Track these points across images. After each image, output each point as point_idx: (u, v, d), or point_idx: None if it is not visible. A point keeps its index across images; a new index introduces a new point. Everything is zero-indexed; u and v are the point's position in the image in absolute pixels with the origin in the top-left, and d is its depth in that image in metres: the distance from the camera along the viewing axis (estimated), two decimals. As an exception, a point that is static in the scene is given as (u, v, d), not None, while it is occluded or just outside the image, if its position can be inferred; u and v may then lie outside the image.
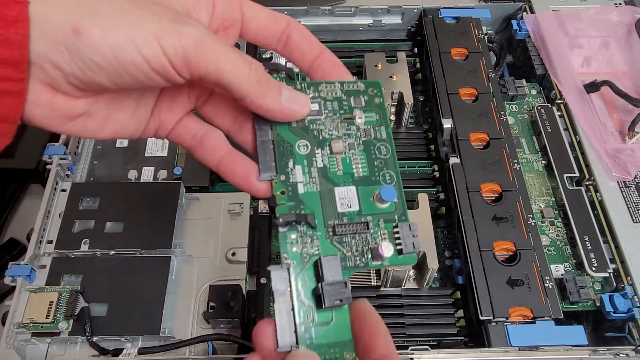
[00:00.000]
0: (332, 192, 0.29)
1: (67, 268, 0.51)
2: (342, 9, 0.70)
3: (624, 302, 0.49)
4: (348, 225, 0.28)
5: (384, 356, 0.26)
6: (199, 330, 0.50)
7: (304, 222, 0.28)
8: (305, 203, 0.28)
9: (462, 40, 0.65)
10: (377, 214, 0.29)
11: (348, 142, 0.30)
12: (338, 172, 0.29)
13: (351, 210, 0.29)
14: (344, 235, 0.28)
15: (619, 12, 0.69)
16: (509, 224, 0.51)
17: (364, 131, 0.31)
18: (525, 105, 0.66)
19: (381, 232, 0.29)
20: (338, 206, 0.29)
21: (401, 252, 0.28)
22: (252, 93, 0.26)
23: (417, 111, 0.68)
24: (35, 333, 0.48)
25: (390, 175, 0.30)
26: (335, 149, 0.29)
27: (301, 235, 0.28)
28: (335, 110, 0.31)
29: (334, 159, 0.30)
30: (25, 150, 0.61)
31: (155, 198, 0.54)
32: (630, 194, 0.55)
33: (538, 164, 0.61)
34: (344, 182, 0.29)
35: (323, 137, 0.30)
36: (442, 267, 0.55)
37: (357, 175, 0.30)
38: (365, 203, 0.29)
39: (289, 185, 0.29)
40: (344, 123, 0.30)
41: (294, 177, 0.29)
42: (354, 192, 0.29)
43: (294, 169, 0.29)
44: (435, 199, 0.57)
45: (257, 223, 0.55)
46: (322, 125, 0.30)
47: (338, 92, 0.31)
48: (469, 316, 0.50)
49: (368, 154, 0.30)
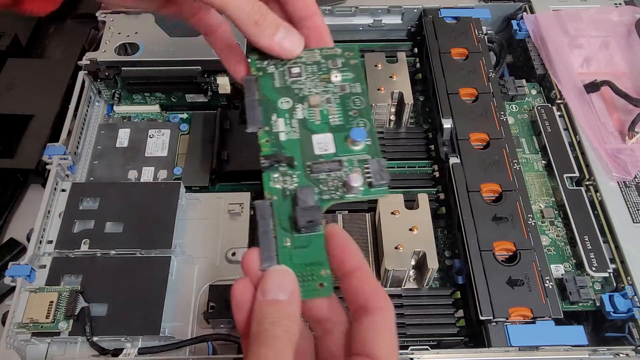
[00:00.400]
0: (310, 138, 0.33)
1: (67, 268, 0.51)
2: (342, 9, 0.70)
3: (624, 302, 0.49)
4: (323, 163, 0.32)
5: (356, 268, 0.29)
6: (199, 330, 0.50)
7: (285, 162, 0.32)
8: (286, 148, 0.33)
9: (462, 40, 0.65)
10: (352, 155, 0.32)
11: (325, 97, 0.34)
12: (316, 122, 0.33)
13: (327, 153, 0.32)
14: (319, 173, 0.32)
15: (619, 12, 0.69)
16: (509, 224, 0.51)
17: (340, 87, 0.34)
18: (525, 105, 0.66)
19: (354, 169, 0.32)
20: (315, 150, 0.32)
21: (372, 185, 0.31)
22: (249, 31, 0.31)
23: (417, 111, 0.68)
24: (35, 333, 0.48)
25: (364, 122, 0.33)
26: (313, 102, 0.34)
27: (282, 174, 0.32)
28: (315, 72, 0.35)
29: (312, 111, 0.34)
30: (25, 150, 0.61)
31: (155, 198, 0.54)
32: (630, 194, 0.55)
33: (538, 164, 0.61)
34: (321, 130, 0.33)
35: (303, 94, 0.34)
36: (442, 267, 0.55)
37: (334, 124, 0.33)
38: (341, 146, 0.32)
39: (272, 135, 0.33)
40: (322, 82, 0.35)
41: (277, 128, 0.33)
42: (331, 138, 0.33)
43: (277, 121, 0.33)
44: (435, 199, 0.57)
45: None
46: (303, 85, 0.34)
47: (317, 57, 0.35)
48: (469, 316, 0.50)
49: (344, 106, 0.34)
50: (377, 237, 0.53)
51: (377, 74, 0.62)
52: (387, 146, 0.61)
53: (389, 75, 0.61)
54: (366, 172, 0.32)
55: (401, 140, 0.62)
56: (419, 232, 0.50)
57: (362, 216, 0.56)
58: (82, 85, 0.61)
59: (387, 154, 0.61)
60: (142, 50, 0.61)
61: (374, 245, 0.53)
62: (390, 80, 0.61)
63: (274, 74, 0.35)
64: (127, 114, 0.66)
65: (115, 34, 0.63)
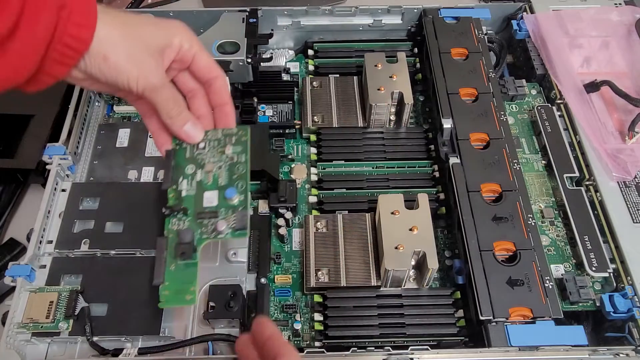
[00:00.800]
0: (202, 195, 0.44)
1: (67, 268, 0.51)
2: (342, 9, 0.70)
3: (624, 302, 0.49)
4: (205, 212, 0.43)
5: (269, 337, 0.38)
6: (199, 330, 0.50)
7: (181, 211, 0.44)
8: (184, 201, 0.44)
9: (462, 40, 0.65)
10: (229, 207, 0.44)
11: (219, 164, 0.45)
12: (208, 183, 0.45)
13: (212, 205, 0.44)
14: (202, 219, 0.43)
15: (619, 12, 0.69)
16: (509, 224, 0.51)
17: (230, 157, 0.45)
18: (525, 105, 0.66)
19: (225, 217, 0.43)
20: (204, 203, 0.44)
21: (235, 229, 0.42)
22: (165, 121, 0.43)
23: (417, 111, 0.68)
24: (35, 333, 0.48)
25: (242, 184, 0.44)
26: (207, 169, 0.45)
27: (178, 219, 0.44)
28: (215, 146, 0.46)
29: (207, 175, 0.45)
30: (25, 150, 0.61)
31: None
32: (630, 194, 0.55)
33: (538, 164, 0.61)
34: (211, 189, 0.45)
35: (204, 163, 0.46)
36: (442, 267, 0.55)
37: (221, 184, 0.45)
38: (222, 201, 0.44)
39: (177, 192, 0.45)
40: (219, 153, 0.46)
41: (181, 187, 0.45)
42: (216, 195, 0.44)
43: (182, 181, 0.45)
44: (435, 199, 0.57)
45: (257, 223, 0.55)
46: (205, 156, 0.46)
47: (219, 135, 0.46)
48: (469, 316, 0.50)
49: (230, 171, 0.45)
50: (377, 237, 0.53)
51: (377, 74, 0.62)
52: (387, 146, 0.62)
53: (389, 75, 0.61)
54: (233, 220, 0.43)
55: (401, 140, 0.62)
56: (419, 232, 0.50)
57: (362, 216, 0.56)
58: (82, 85, 0.62)
59: (387, 153, 0.61)
60: (142, 50, 0.61)
61: (374, 245, 0.53)
62: (390, 80, 0.61)
63: (187, 148, 0.46)
64: (127, 114, 0.66)
65: (115, 34, 0.63)
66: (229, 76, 0.61)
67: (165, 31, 0.41)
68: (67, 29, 0.35)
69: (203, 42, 0.62)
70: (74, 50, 0.36)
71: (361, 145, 0.61)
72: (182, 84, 0.45)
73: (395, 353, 0.46)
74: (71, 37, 0.35)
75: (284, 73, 0.70)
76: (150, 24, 0.41)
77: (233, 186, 0.44)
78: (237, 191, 0.44)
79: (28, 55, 0.34)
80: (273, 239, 0.57)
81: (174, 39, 0.41)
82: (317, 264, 0.52)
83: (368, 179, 0.59)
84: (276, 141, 0.63)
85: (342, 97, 0.65)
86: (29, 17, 0.33)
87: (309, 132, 0.63)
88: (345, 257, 0.53)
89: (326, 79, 0.66)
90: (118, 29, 0.38)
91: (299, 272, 0.55)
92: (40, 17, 0.34)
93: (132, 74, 0.39)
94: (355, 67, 0.69)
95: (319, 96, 0.65)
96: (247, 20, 0.65)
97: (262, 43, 0.66)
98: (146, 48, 0.39)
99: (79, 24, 0.36)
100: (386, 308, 0.50)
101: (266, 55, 0.71)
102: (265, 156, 0.59)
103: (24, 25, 0.33)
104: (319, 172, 0.60)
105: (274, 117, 0.64)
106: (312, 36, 0.72)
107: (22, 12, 0.33)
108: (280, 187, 0.57)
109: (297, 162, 0.63)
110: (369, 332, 0.49)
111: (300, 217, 0.59)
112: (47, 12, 0.34)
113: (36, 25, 0.33)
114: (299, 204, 0.59)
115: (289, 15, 0.70)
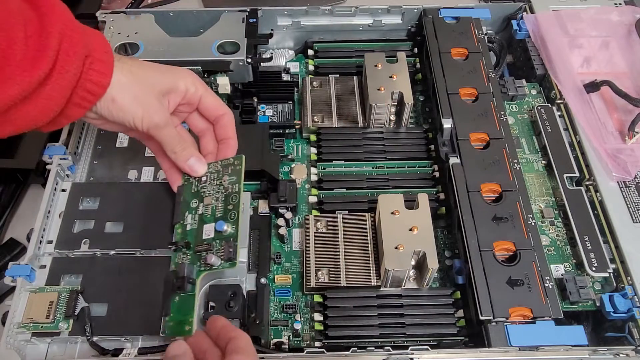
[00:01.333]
0: (202, 227, 0.48)
1: (67, 268, 0.51)
2: (342, 9, 0.70)
3: (624, 302, 0.49)
4: (202, 245, 0.47)
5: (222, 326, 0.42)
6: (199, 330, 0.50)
7: (185, 246, 0.48)
8: (188, 235, 0.49)
9: (462, 40, 0.65)
10: (222, 239, 0.47)
11: (216, 196, 0.49)
12: (208, 215, 0.49)
13: (209, 237, 0.47)
14: (200, 252, 0.47)
15: (619, 12, 0.69)
16: (509, 224, 0.51)
17: (225, 188, 0.49)
18: (525, 105, 0.66)
19: (219, 249, 0.46)
20: (204, 235, 0.48)
21: (225, 260, 0.46)
22: (171, 156, 0.48)
23: (417, 111, 0.68)
24: (35, 333, 0.48)
25: (234, 214, 0.47)
26: (206, 202, 0.49)
27: (182, 253, 0.48)
28: (215, 178, 0.50)
29: (207, 208, 0.49)
30: (25, 150, 0.61)
31: (155, 198, 0.54)
32: (630, 194, 0.55)
33: (538, 164, 0.61)
34: (209, 221, 0.48)
35: (205, 196, 0.49)
36: (442, 267, 0.55)
37: (217, 216, 0.48)
38: (216, 233, 0.47)
39: (184, 226, 0.49)
40: (217, 185, 0.49)
41: (187, 221, 0.49)
42: (212, 227, 0.47)
43: (187, 216, 0.49)
44: (435, 199, 0.57)
45: (257, 223, 0.55)
46: (206, 189, 0.50)
47: (219, 167, 0.50)
48: (469, 316, 0.50)
49: (226, 202, 0.48)
50: (377, 237, 0.53)
51: (377, 74, 0.62)
52: (387, 146, 0.62)
53: (389, 75, 0.61)
54: (222, 252, 0.46)
55: (401, 140, 0.62)
56: (419, 232, 0.50)
57: (362, 216, 0.56)
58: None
59: (387, 153, 0.61)
60: (142, 50, 0.61)
61: (374, 245, 0.53)
62: (390, 80, 0.61)
63: (193, 182, 0.51)
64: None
65: (115, 34, 0.63)
66: (229, 76, 0.61)
67: (171, 77, 0.46)
68: (90, 76, 0.39)
69: (203, 42, 0.62)
70: (93, 94, 0.40)
71: (361, 145, 0.61)
72: (193, 125, 0.51)
73: (395, 353, 0.46)
74: (92, 83, 0.40)
75: (284, 73, 0.70)
76: (157, 70, 0.45)
77: (226, 217, 0.48)
78: (227, 222, 0.47)
79: (56, 99, 0.38)
80: (273, 239, 0.57)
81: (179, 83, 0.45)
82: (317, 264, 0.52)
83: (368, 179, 0.59)
84: (276, 141, 0.63)
85: (342, 97, 0.65)
86: (62, 65, 0.37)
87: (309, 132, 0.63)
88: (345, 257, 0.53)
89: (326, 79, 0.66)
90: (126, 75, 0.42)
91: (299, 272, 0.55)
92: (71, 66, 0.38)
93: (137, 114, 0.43)
94: (355, 67, 0.69)
95: (319, 96, 0.65)
96: (247, 20, 0.65)
97: (262, 43, 0.66)
98: (151, 91, 0.44)
99: (100, 72, 0.40)
100: (386, 308, 0.50)
101: (266, 55, 0.71)
102: (265, 156, 0.59)
103: (57, 71, 0.37)
104: (319, 172, 0.60)
105: (274, 117, 0.64)
106: (312, 36, 0.72)
107: (57, 59, 0.37)
108: (280, 187, 0.57)
109: (297, 162, 0.63)
110: (369, 332, 0.49)
111: (300, 217, 0.59)
112: (76, 61, 0.38)
113: (67, 73, 0.38)
114: (299, 204, 0.59)
115: (289, 15, 0.70)
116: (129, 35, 0.63)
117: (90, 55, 0.40)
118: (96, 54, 0.40)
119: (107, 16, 0.65)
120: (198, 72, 0.60)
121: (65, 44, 0.38)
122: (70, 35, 0.38)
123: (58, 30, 0.37)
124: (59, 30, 0.37)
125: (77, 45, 0.38)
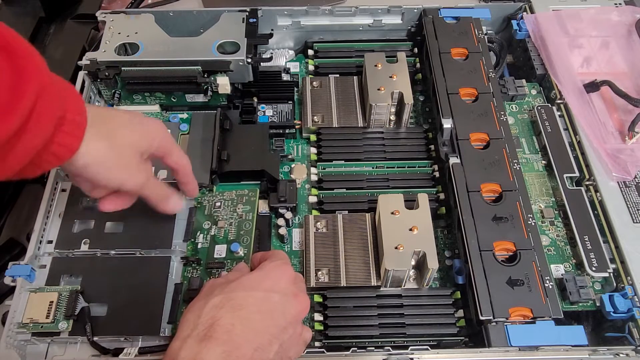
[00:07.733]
0: (214, 247, 0.53)
1: (67, 268, 0.51)
2: (342, 9, 0.70)
3: (624, 302, 0.49)
4: (214, 263, 0.52)
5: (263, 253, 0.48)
6: (199, 330, 0.50)
7: (195, 262, 0.52)
8: (200, 253, 0.53)
9: (462, 40, 0.65)
10: (234, 259, 0.52)
11: (229, 222, 0.55)
12: (220, 237, 0.54)
13: (221, 257, 0.52)
14: (212, 269, 0.52)
15: (619, 12, 0.69)
16: (509, 224, 0.51)
17: (239, 215, 0.55)
18: (525, 105, 0.66)
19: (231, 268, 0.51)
20: (215, 254, 0.53)
21: None
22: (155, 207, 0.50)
23: (417, 111, 0.68)
24: (35, 333, 0.48)
25: (246, 238, 0.53)
26: (220, 225, 0.54)
27: (192, 268, 0.52)
28: (229, 205, 0.56)
29: (219, 230, 0.54)
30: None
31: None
32: (630, 194, 0.55)
33: (538, 164, 0.61)
34: (221, 242, 0.53)
35: (217, 219, 0.55)
36: (442, 267, 0.55)
37: (230, 238, 0.53)
38: (229, 253, 0.53)
39: (194, 244, 0.54)
40: (231, 212, 0.55)
41: (198, 240, 0.54)
42: (225, 247, 0.53)
43: (199, 235, 0.54)
44: (435, 199, 0.57)
45: (257, 223, 0.55)
46: (219, 213, 0.55)
47: (233, 196, 0.56)
48: (469, 316, 0.50)
49: (239, 227, 0.54)
50: (377, 237, 0.53)
51: (377, 74, 0.62)
52: (387, 146, 0.62)
53: (389, 75, 0.61)
54: None
55: (401, 140, 0.62)
56: (419, 232, 0.50)
57: (362, 216, 0.56)
58: (82, 85, 0.61)
59: (387, 154, 0.61)
60: (142, 50, 0.61)
61: (374, 245, 0.53)
62: (390, 80, 0.61)
63: (206, 205, 0.56)
64: (127, 114, 0.66)
65: (115, 34, 0.63)
66: (229, 76, 0.61)
67: (146, 135, 0.46)
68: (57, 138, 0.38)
69: (203, 42, 0.62)
70: (59, 158, 0.39)
71: (361, 145, 0.61)
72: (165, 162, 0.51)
73: (395, 353, 0.46)
74: (60, 146, 0.38)
75: (284, 73, 0.70)
76: (131, 128, 0.45)
77: (239, 241, 0.53)
78: (241, 245, 0.53)
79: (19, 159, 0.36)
80: (273, 239, 0.57)
81: (153, 143, 0.46)
82: (317, 264, 0.52)
83: (368, 179, 0.59)
84: (276, 141, 0.63)
85: (342, 97, 0.65)
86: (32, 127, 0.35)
87: (309, 132, 0.63)
88: (345, 257, 0.53)
89: (326, 79, 0.66)
90: (104, 141, 0.42)
91: (299, 272, 0.55)
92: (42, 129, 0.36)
93: (123, 178, 0.45)
94: (355, 67, 0.69)
95: (319, 96, 0.65)
96: (247, 20, 0.65)
97: (262, 43, 0.66)
98: (132, 154, 0.45)
99: (72, 134, 0.39)
100: (386, 308, 0.50)
101: (266, 55, 0.71)
102: (265, 156, 0.59)
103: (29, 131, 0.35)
104: (319, 172, 0.60)
105: (274, 117, 0.64)
106: (312, 36, 0.72)
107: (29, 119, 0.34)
108: (280, 187, 0.57)
109: (297, 162, 0.63)
110: (369, 332, 0.49)
111: (300, 217, 0.59)
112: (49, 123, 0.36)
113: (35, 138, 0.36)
114: (299, 204, 0.59)
115: (289, 15, 0.70)
116: (129, 35, 0.63)
117: (64, 117, 0.38)
118: (69, 113, 0.38)
119: (107, 16, 0.65)
120: (198, 72, 0.60)
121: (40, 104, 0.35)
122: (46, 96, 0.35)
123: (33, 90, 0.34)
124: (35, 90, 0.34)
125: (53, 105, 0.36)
